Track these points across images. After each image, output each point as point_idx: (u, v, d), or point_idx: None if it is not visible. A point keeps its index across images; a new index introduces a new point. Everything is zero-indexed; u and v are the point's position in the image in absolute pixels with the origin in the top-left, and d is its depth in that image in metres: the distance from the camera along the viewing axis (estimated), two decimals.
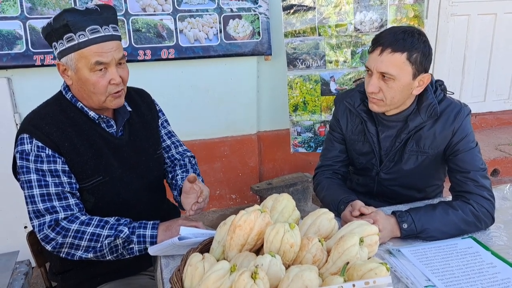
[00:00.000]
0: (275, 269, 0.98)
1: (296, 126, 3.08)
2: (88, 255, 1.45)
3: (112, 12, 1.49)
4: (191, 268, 1.06)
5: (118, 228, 1.45)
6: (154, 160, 1.72)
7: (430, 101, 1.61)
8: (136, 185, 1.63)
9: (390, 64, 1.51)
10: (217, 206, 3.47)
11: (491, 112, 4.12)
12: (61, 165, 1.46)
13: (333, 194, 1.70)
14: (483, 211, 1.54)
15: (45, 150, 1.44)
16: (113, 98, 1.51)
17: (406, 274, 1.31)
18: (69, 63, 1.44)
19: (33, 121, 1.48)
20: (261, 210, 1.14)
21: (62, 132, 1.47)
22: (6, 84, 2.71)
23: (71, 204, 1.46)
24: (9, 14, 2.61)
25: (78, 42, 1.41)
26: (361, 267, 0.99)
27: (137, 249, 1.47)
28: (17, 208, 2.77)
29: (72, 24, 1.39)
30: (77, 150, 1.49)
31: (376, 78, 1.55)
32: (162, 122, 1.83)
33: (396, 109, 1.65)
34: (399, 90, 1.55)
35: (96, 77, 1.45)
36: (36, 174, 1.43)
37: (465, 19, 3.80)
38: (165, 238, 1.44)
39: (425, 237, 1.49)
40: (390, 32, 1.54)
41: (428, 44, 1.55)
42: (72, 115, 1.52)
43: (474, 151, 1.62)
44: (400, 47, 1.50)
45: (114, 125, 1.60)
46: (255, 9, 3.04)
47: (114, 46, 1.46)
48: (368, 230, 1.15)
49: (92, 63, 1.42)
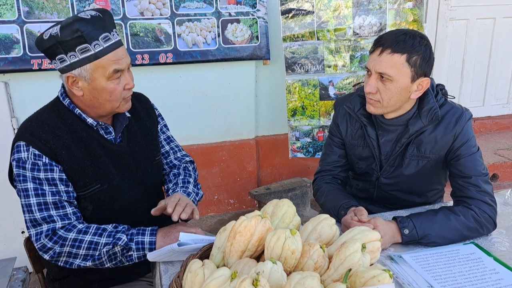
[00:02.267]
0: (276, 276, 0.97)
1: (294, 131, 3.07)
2: (86, 263, 1.43)
3: (110, 16, 1.47)
4: (191, 275, 1.04)
5: (116, 236, 1.43)
6: (153, 166, 1.70)
7: (431, 105, 1.60)
8: (134, 192, 1.61)
9: (388, 65, 1.50)
10: (215, 211, 3.44)
11: (489, 116, 4.12)
12: (59, 174, 1.44)
13: (333, 200, 1.68)
14: (485, 217, 1.53)
15: (42, 158, 1.41)
16: (125, 102, 1.52)
17: (408, 281, 1.29)
18: (83, 74, 1.41)
19: (30, 128, 1.45)
20: (261, 216, 1.12)
21: (60, 139, 1.45)
22: (3, 88, 2.69)
23: (68, 213, 1.44)
24: (6, 18, 2.59)
25: (94, 53, 1.38)
26: (364, 274, 0.98)
27: (136, 256, 1.45)
28: (14, 214, 2.75)
29: (86, 34, 1.36)
30: (75, 158, 1.46)
31: (374, 78, 1.55)
32: (161, 127, 1.81)
33: (394, 113, 1.64)
34: (396, 92, 1.53)
35: (113, 85, 1.44)
36: (32, 182, 1.41)
37: (464, 23, 3.80)
38: (164, 244, 1.42)
39: (426, 242, 1.47)
40: (392, 33, 1.54)
41: (430, 49, 1.54)
42: (69, 121, 1.49)
43: (475, 156, 1.61)
44: (400, 48, 1.49)
45: (113, 131, 1.58)
46: (254, 13, 3.03)
47: (124, 52, 1.47)
48: (370, 236, 1.13)
49: (110, 72, 1.41)
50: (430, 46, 1.55)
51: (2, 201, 2.73)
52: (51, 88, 1.95)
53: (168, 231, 1.47)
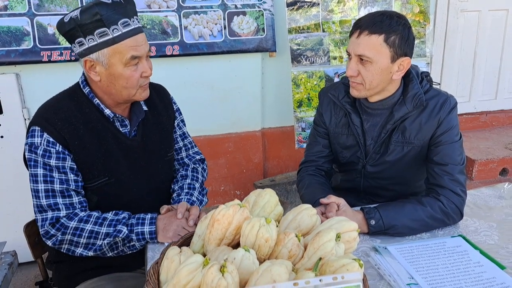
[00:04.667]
0: (247, 263, 0.99)
1: (300, 122, 3.08)
2: (88, 252, 1.47)
3: (133, 3, 1.47)
4: (168, 261, 1.07)
5: (117, 228, 1.45)
6: (164, 162, 1.71)
7: (416, 91, 1.59)
8: (141, 187, 1.62)
9: (366, 47, 1.50)
10: (221, 202, 3.47)
11: (502, 110, 4.03)
12: (70, 162, 1.46)
13: (311, 193, 1.69)
14: (452, 208, 1.53)
15: (55, 145, 1.43)
16: (142, 90, 1.50)
17: (390, 272, 1.30)
18: (100, 59, 1.41)
19: (46, 114, 1.46)
20: (240, 205, 1.14)
21: (74, 129, 1.46)
22: (14, 79, 2.77)
23: (74, 202, 1.47)
24: (17, 10, 2.66)
25: (113, 37, 1.38)
26: (334, 263, 0.99)
27: (138, 245, 1.48)
28: (15, 200, 2.83)
29: (106, 18, 1.35)
30: (87, 149, 1.48)
31: (354, 61, 1.55)
32: (178, 122, 1.80)
33: (378, 95, 1.63)
34: (377, 73, 1.53)
35: (130, 72, 1.43)
36: (43, 168, 1.43)
37: (475, 15, 3.72)
38: (164, 238, 1.45)
39: (393, 233, 1.48)
40: (370, 15, 1.54)
41: (409, 28, 1.53)
42: (87, 111, 1.50)
43: (456, 144, 1.60)
44: (377, 29, 1.48)
45: (128, 125, 1.58)
46: (260, 5, 3.04)
47: (144, 39, 1.45)
48: (346, 226, 1.14)
49: (127, 58, 1.40)
50: (409, 26, 1.54)
51: (13, 191, 2.83)
52: (60, 79, 2.01)
53: (166, 224, 1.48)
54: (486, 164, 3.39)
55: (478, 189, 1.84)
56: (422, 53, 2.95)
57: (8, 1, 2.63)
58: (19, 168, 1.58)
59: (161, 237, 1.46)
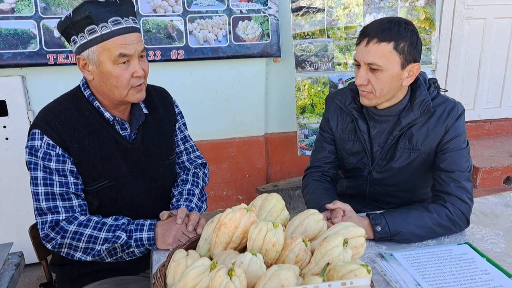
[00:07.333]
0: (254, 268, 0.98)
1: (303, 128, 3.07)
2: (87, 257, 1.46)
3: (130, 4, 1.47)
4: (174, 264, 1.07)
5: (115, 233, 1.44)
6: (165, 166, 1.70)
7: (424, 98, 1.59)
8: (142, 191, 1.61)
9: (376, 55, 1.49)
10: (223, 206, 3.48)
11: (507, 118, 4.02)
12: (70, 165, 1.45)
13: (316, 198, 1.68)
14: (459, 215, 1.52)
15: (55, 148, 1.43)
16: (135, 92, 1.48)
17: (396, 278, 1.29)
18: (90, 56, 1.41)
19: (47, 117, 1.46)
20: (247, 209, 1.14)
21: (74, 131, 1.46)
22: (20, 81, 2.78)
23: (74, 205, 1.46)
24: (24, 13, 2.68)
25: (101, 34, 1.38)
26: (342, 268, 0.99)
27: (137, 251, 1.47)
28: (19, 202, 2.84)
29: (94, 15, 1.36)
30: (87, 152, 1.47)
31: (364, 70, 1.53)
32: (179, 125, 1.79)
33: (388, 102, 1.62)
34: (388, 81, 1.52)
35: (119, 70, 1.41)
36: (43, 171, 1.43)
37: (480, 22, 3.72)
38: (163, 245, 1.44)
39: (398, 240, 1.48)
40: (377, 22, 1.52)
41: (416, 34, 1.53)
42: (87, 114, 1.50)
43: (463, 151, 1.59)
44: (386, 36, 1.48)
45: (128, 128, 1.57)
46: (265, 11, 3.05)
47: (136, 38, 1.44)
48: (354, 232, 1.13)
49: (115, 55, 1.39)
50: (416, 31, 1.53)
51: (17, 193, 2.83)
52: (65, 82, 2.02)
53: (166, 229, 1.46)
54: (490, 172, 3.38)
55: (485, 197, 1.83)
56: (427, 60, 2.95)
57: (15, 4, 2.64)
58: (24, 169, 1.58)
59: (160, 244, 1.45)
